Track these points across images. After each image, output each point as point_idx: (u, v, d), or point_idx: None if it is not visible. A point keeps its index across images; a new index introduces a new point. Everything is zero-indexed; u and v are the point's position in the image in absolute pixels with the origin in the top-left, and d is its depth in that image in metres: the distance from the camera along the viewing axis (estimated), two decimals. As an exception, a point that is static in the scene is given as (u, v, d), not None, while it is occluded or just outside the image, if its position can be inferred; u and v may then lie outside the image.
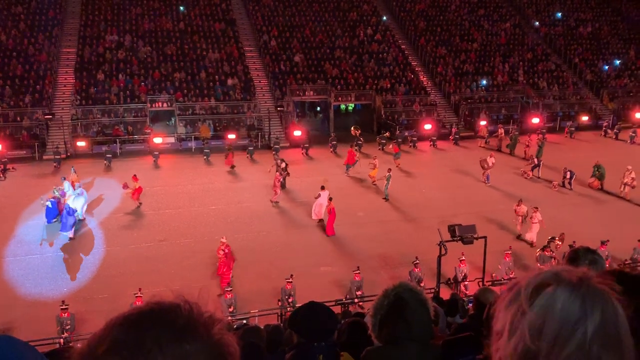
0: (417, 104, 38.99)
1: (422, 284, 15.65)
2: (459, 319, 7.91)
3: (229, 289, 15.47)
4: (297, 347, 3.26)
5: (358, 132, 33.61)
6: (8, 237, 20.12)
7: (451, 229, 15.38)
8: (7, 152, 29.91)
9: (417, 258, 16.73)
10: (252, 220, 21.87)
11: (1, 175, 27.50)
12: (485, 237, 15.64)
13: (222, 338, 1.07)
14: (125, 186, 23.26)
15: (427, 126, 36.09)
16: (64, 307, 14.15)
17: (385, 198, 24.33)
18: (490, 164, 27.07)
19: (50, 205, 20.70)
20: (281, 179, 24.25)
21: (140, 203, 23.27)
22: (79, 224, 21.22)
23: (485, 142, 34.79)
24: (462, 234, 15.25)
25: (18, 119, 33.04)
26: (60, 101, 35.02)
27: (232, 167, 29.12)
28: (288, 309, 14.84)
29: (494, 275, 17.13)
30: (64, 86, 35.92)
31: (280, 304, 15.43)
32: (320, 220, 21.50)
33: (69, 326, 14.00)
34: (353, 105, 42.25)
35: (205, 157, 30.80)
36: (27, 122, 32.89)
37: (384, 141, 33.09)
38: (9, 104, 33.47)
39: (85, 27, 39.54)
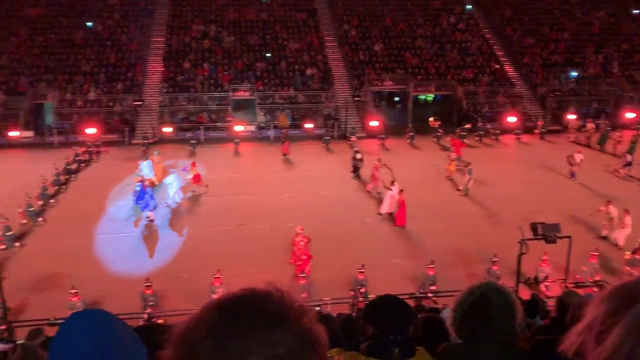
0: (501, 95, 37.63)
1: (500, 282, 15.15)
2: (539, 320, 7.61)
3: (303, 274, 15.69)
4: (372, 338, 3.25)
5: (437, 124, 32.93)
6: (99, 215, 21.48)
7: (533, 226, 14.73)
8: (100, 135, 31.88)
9: (495, 255, 16.22)
10: (326, 209, 22.03)
11: (95, 157, 29.36)
12: (569, 237, 14.87)
13: (313, 328, 1.08)
14: (185, 169, 23.92)
15: (511, 119, 34.74)
16: (148, 284, 14.89)
17: (465, 192, 23.72)
18: (577, 161, 25.67)
19: (137, 189, 21.80)
20: (380, 168, 23.84)
21: (201, 188, 23.93)
22: (170, 206, 22.30)
23: (574, 137, 33.01)
24: (545, 233, 14.58)
25: (111, 104, 35.07)
26: (149, 88, 36.79)
27: (285, 155, 29.54)
28: (360, 299, 14.86)
29: (577, 277, 16.29)
30: (152, 74, 37.69)
31: (352, 293, 15.48)
32: (390, 214, 21.27)
33: (152, 302, 14.72)
34: (433, 95, 41.41)
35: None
36: (119, 108, 34.86)
37: (465, 133, 32.24)
38: (103, 91, 35.58)
39: (173, 17, 41.23)
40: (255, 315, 1.04)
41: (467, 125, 33.73)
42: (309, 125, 34.19)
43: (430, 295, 15.53)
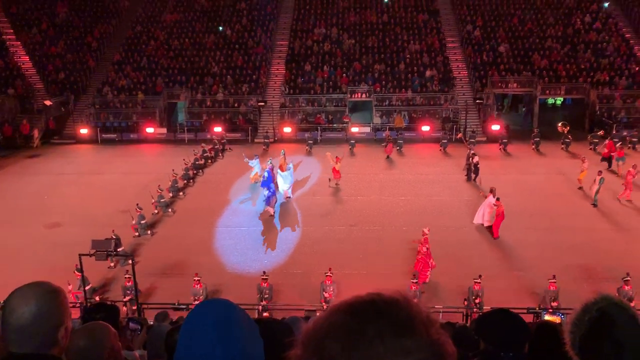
0: (640, 100, 34.35)
1: (632, 304, 13.81)
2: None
3: (414, 280, 15.43)
4: (483, 353, 3.12)
5: (566, 129, 30.83)
6: (222, 209, 22.74)
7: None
8: (225, 134, 33.77)
9: (628, 274, 14.83)
10: (440, 214, 21.49)
11: (220, 154, 31.14)
12: None
13: (441, 339, 1.05)
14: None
15: (652, 126, 31.54)
16: (264, 277, 15.48)
17: (594, 204, 21.95)
18: None
19: (266, 175, 22.44)
20: (635, 175, 22.02)
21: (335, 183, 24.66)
22: (285, 202, 23.03)
23: None
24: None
25: (236, 104, 36.98)
26: (272, 90, 38.26)
27: (387, 157, 29.78)
28: (474, 310, 14.33)
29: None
30: (275, 76, 39.15)
31: (466, 303, 14.97)
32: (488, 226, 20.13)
33: (267, 295, 15.29)
34: (562, 99, 38.82)
35: (397, 148, 31.07)
36: (244, 108, 36.65)
37: (597, 140, 29.84)
38: (230, 92, 37.61)
39: (297, 21, 42.49)
40: (383, 321, 1.02)
41: (600, 132, 31.18)
42: (425, 128, 33.63)
43: (550, 311, 14.55)
